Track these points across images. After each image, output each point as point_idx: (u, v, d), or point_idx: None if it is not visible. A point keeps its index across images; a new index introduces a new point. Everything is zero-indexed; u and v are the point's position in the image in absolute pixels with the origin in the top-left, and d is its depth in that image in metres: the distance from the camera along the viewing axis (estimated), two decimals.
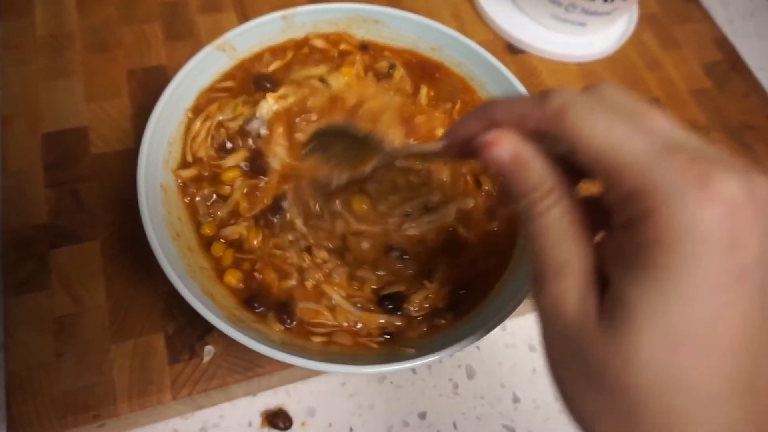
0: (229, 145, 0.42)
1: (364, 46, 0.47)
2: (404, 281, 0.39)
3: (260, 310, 0.37)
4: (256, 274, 0.38)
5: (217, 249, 0.39)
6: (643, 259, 0.20)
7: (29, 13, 0.53)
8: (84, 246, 0.43)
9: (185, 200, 0.40)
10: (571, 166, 0.23)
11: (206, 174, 0.41)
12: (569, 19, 0.57)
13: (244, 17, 0.56)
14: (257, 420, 0.44)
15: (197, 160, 0.41)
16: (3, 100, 0.48)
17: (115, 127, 0.48)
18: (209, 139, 0.41)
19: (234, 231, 0.39)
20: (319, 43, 0.46)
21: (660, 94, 0.59)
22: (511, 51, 0.59)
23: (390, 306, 0.38)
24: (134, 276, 0.43)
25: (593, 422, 0.22)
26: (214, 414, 0.44)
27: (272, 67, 0.44)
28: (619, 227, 0.21)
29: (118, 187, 0.46)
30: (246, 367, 0.41)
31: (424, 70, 0.46)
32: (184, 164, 0.41)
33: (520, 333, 0.51)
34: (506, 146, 0.24)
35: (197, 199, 0.40)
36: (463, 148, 0.27)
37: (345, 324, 0.37)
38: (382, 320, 0.37)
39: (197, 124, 0.41)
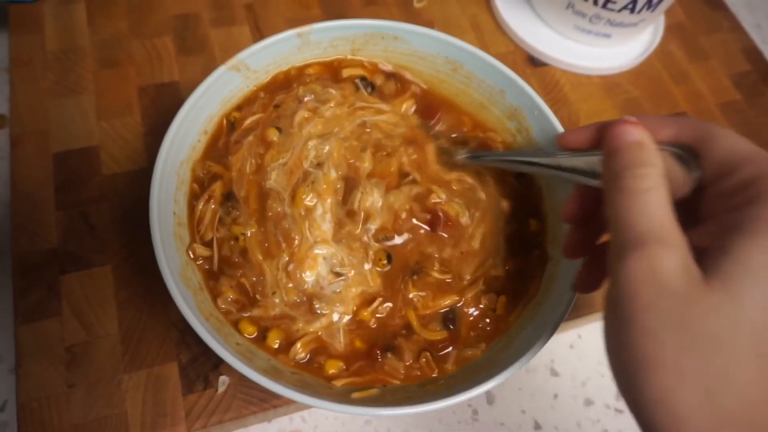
0: None
1: (392, 75, 0.46)
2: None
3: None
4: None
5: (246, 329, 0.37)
6: (758, 225, 0.22)
7: (39, 28, 0.52)
8: (94, 272, 0.42)
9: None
10: None
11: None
12: (593, 30, 0.55)
13: (258, 30, 0.55)
14: None
15: (208, 243, 0.39)
16: (12, 119, 0.47)
17: (127, 147, 0.47)
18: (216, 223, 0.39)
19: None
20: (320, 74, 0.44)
21: (687, 107, 0.57)
22: (532, 63, 0.57)
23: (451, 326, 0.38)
24: (146, 303, 0.42)
25: (682, 387, 0.21)
26: None
27: None
28: (733, 209, 0.24)
29: (129, 210, 0.45)
30: (262, 399, 0.40)
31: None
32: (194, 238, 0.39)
33: (541, 357, 0.49)
34: (638, 130, 0.27)
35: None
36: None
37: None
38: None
39: (200, 206, 0.39)
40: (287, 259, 0.38)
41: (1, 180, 0.50)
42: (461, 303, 0.38)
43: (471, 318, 0.38)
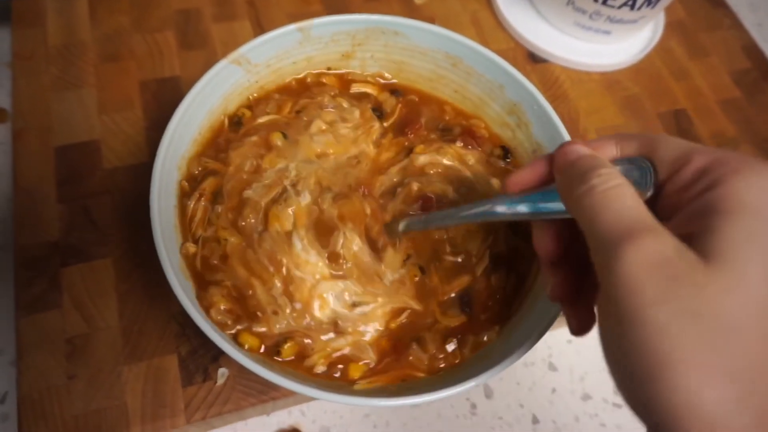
0: None
1: (395, 91, 0.46)
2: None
3: None
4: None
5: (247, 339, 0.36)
6: (732, 203, 0.22)
7: (41, 22, 0.52)
8: (95, 264, 0.42)
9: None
10: None
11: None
12: (593, 27, 0.56)
13: (258, 25, 0.55)
14: None
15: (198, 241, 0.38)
16: (14, 113, 0.48)
17: (128, 141, 0.47)
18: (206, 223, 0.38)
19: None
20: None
21: (687, 104, 0.57)
22: (532, 60, 0.57)
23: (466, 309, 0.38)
24: (146, 295, 0.42)
25: (711, 386, 0.19)
26: None
27: None
28: (696, 196, 0.24)
29: (130, 203, 0.45)
30: (261, 390, 0.40)
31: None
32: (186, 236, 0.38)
33: (539, 352, 0.49)
34: (586, 147, 0.28)
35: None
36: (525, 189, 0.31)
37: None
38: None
39: (191, 204, 0.38)
40: (282, 288, 0.36)
41: (4, 174, 0.50)
42: (474, 281, 0.39)
43: (483, 297, 0.38)
